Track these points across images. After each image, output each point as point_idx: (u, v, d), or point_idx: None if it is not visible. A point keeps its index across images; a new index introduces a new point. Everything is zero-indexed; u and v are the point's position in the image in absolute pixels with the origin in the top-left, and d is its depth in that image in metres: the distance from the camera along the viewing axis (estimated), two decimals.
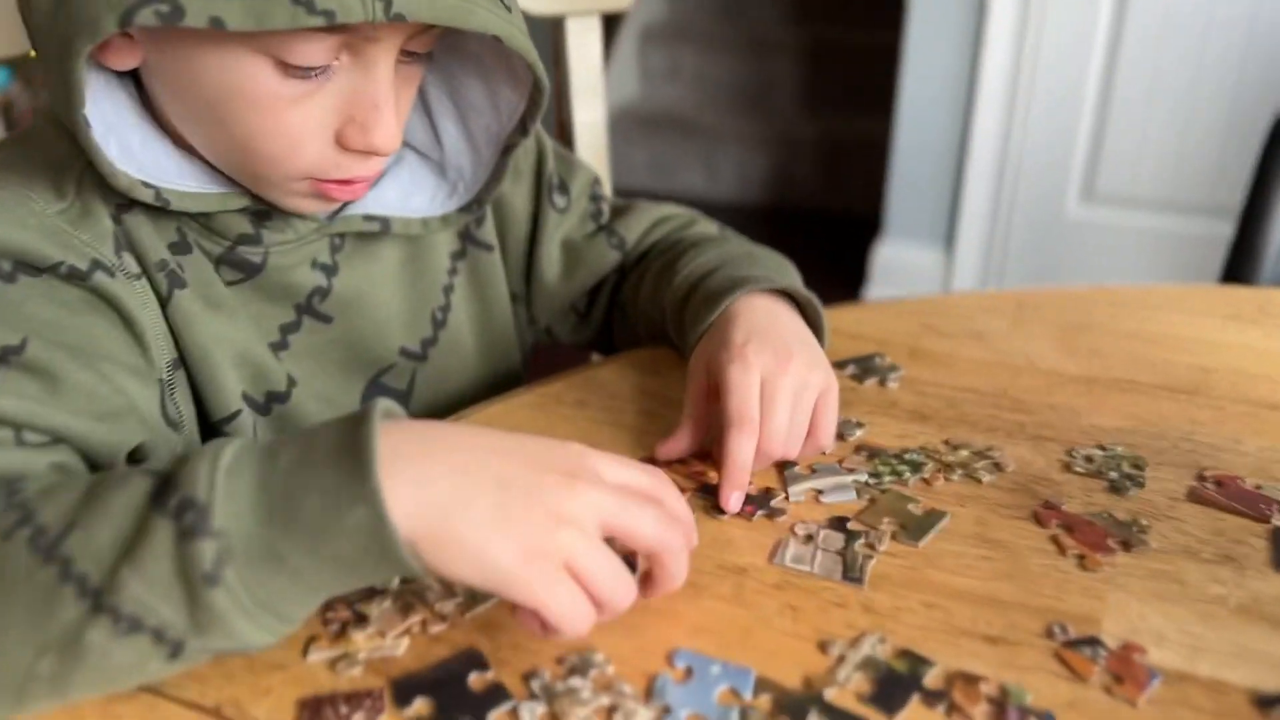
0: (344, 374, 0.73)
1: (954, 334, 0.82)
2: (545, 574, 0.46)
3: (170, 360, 0.63)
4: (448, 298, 0.78)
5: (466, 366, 0.80)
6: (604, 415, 0.70)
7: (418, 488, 0.45)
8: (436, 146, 0.74)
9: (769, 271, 0.73)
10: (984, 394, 0.73)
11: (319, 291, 0.70)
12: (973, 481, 0.64)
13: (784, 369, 0.63)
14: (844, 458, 0.66)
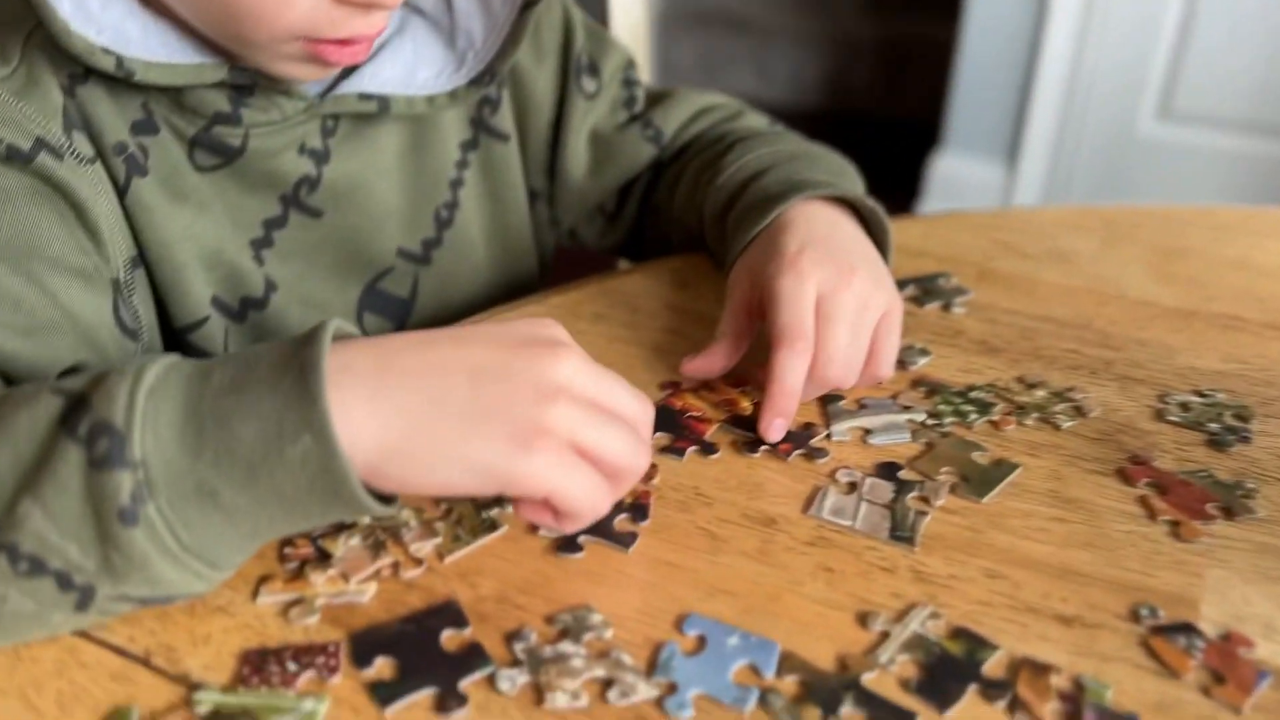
0: (337, 277, 0.65)
1: (1033, 254, 0.72)
2: (546, 455, 0.40)
3: (129, 258, 0.56)
4: (455, 193, 0.69)
5: (476, 272, 0.72)
6: (623, 331, 0.62)
7: (375, 403, 0.39)
8: (446, 12, 0.64)
9: (830, 175, 0.64)
10: (1064, 325, 0.64)
11: (307, 181, 0.61)
12: (1049, 427, 0.54)
13: (845, 284, 0.54)
14: (899, 392, 0.57)
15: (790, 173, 0.63)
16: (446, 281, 0.70)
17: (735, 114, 0.76)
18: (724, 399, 0.56)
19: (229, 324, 0.61)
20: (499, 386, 0.40)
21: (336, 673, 0.40)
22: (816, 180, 0.61)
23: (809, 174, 0.62)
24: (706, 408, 0.55)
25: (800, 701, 0.39)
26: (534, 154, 0.73)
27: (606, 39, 0.74)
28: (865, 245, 0.60)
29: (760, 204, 0.61)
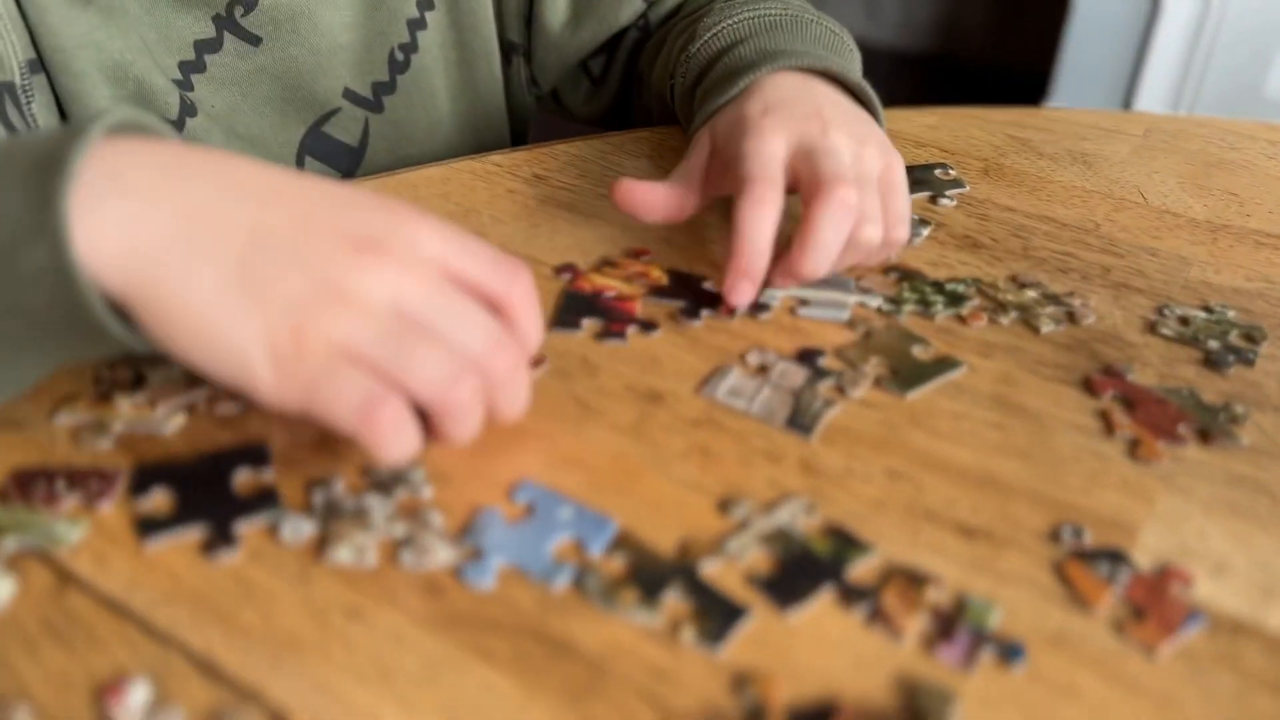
0: (276, 113, 0.60)
1: (1051, 153, 0.63)
2: (314, 372, 0.33)
3: (26, 60, 0.51)
4: (413, 34, 0.63)
5: (437, 126, 0.66)
6: (560, 195, 0.56)
7: (130, 225, 0.32)
8: None
9: (813, 45, 0.56)
10: (1065, 226, 0.55)
11: (243, 1, 0.56)
12: (1026, 330, 0.47)
13: (821, 135, 0.47)
14: (865, 274, 0.50)
15: (767, 42, 0.55)
16: (401, 132, 0.64)
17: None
18: (633, 273, 0.49)
19: None
20: (277, 265, 0.33)
21: (106, 499, 0.35)
22: (793, 49, 0.53)
23: (788, 44, 0.55)
24: (620, 284, 0.49)
25: (620, 585, 0.33)
26: (510, 4, 0.67)
27: None
28: (845, 105, 0.51)
29: (729, 75, 0.53)
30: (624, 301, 0.48)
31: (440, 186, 0.56)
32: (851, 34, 0.60)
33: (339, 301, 0.33)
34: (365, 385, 0.33)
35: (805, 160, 0.47)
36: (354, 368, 0.33)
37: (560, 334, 0.45)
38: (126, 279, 0.32)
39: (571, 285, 0.48)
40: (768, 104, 0.49)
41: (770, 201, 0.45)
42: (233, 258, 0.33)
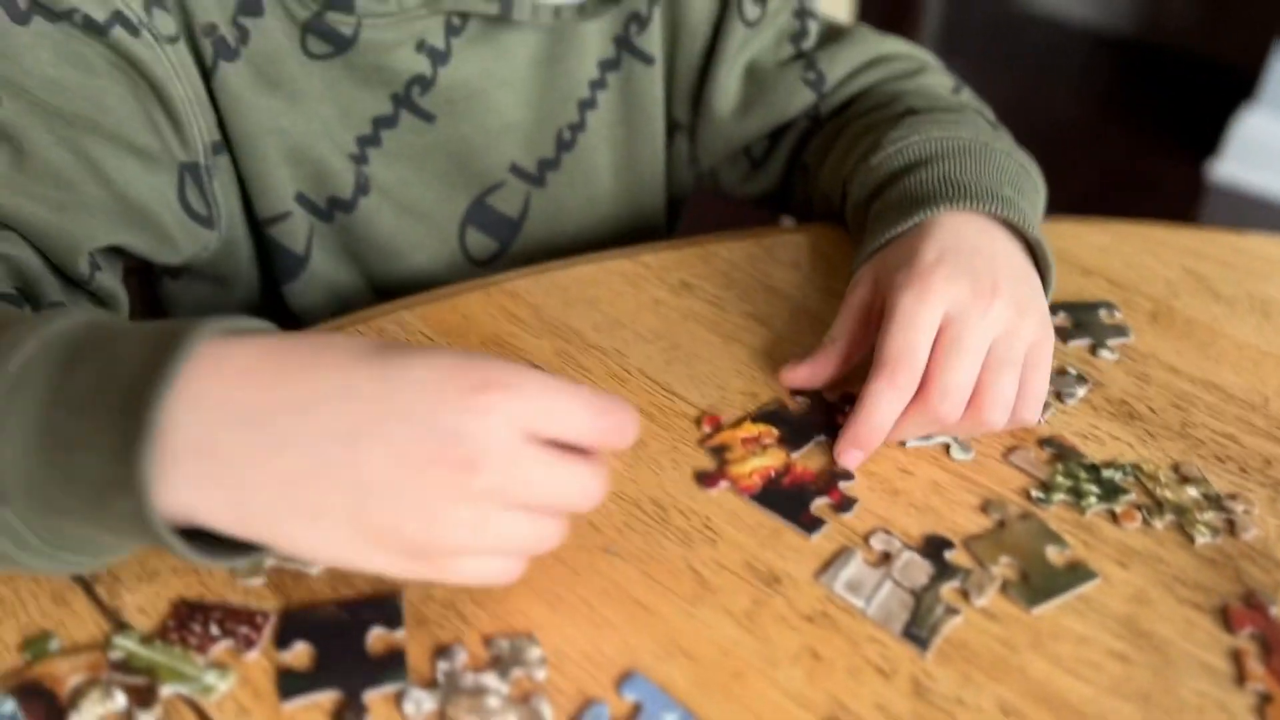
0: (444, 186, 0.62)
1: (1229, 295, 0.60)
2: (439, 564, 0.36)
3: (212, 142, 0.54)
4: (583, 115, 0.64)
5: (595, 203, 0.67)
6: (705, 311, 0.56)
7: (235, 499, 0.33)
8: None
9: (998, 182, 0.53)
10: (1230, 399, 0.53)
11: (420, 81, 0.58)
12: (1178, 536, 0.45)
13: (982, 307, 0.46)
14: (1015, 445, 0.49)
15: (952, 170, 0.53)
16: (561, 206, 0.66)
17: (914, 70, 0.66)
18: (764, 440, 0.49)
19: (314, 222, 0.59)
20: (390, 510, 0.34)
21: (254, 648, 0.38)
22: (978, 188, 0.51)
23: (974, 178, 0.52)
24: (757, 460, 0.48)
25: None
26: (680, 82, 0.66)
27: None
28: (1019, 265, 0.50)
29: (906, 203, 0.52)
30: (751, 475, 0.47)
31: (590, 289, 0.57)
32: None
33: (454, 524, 0.35)
34: (491, 568, 0.37)
35: (943, 337, 0.46)
36: (477, 556, 0.36)
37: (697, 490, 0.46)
38: (244, 533, 0.34)
39: (708, 441, 0.48)
40: (942, 250, 0.48)
41: (903, 387, 0.46)
42: (344, 516, 0.34)
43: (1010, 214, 0.50)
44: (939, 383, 0.46)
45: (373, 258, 0.61)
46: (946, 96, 0.65)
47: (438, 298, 0.55)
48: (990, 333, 0.46)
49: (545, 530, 0.37)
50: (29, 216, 0.47)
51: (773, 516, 0.45)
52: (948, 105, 0.63)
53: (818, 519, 0.45)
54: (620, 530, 0.43)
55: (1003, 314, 0.47)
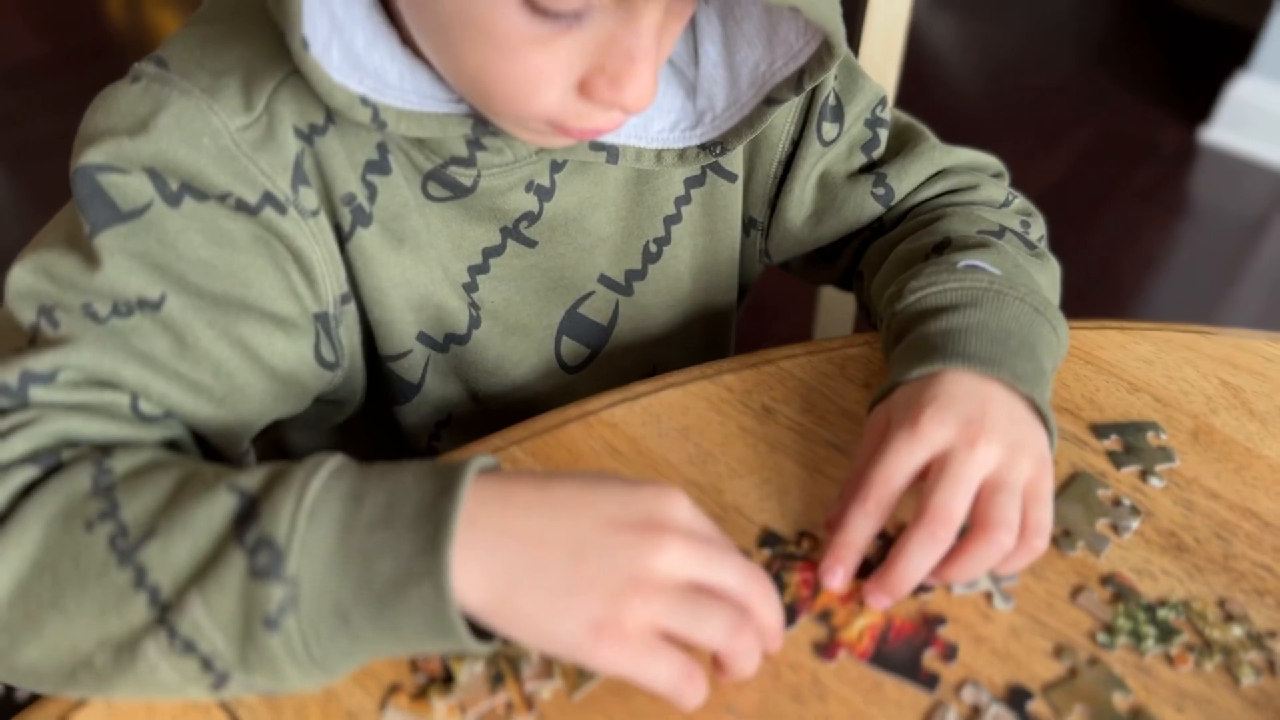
0: (542, 301, 0.66)
1: (1262, 412, 0.65)
2: (620, 647, 0.43)
3: (340, 294, 0.58)
4: (668, 229, 0.68)
5: (677, 304, 0.71)
6: (788, 440, 0.60)
7: (489, 557, 0.43)
8: (692, 64, 0.61)
9: (1004, 341, 0.56)
10: (1267, 526, 0.58)
11: (529, 216, 0.62)
12: (1225, 677, 0.51)
13: (969, 445, 0.51)
14: (1084, 583, 0.54)
15: (970, 324, 0.57)
16: (647, 312, 0.70)
17: (969, 186, 0.70)
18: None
19: (431, 354, 0.64)
20: (594, 568, 0.43)
21: None
22: (980, 352, 0.55)
23: (975, 340, 0.56)
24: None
25: None
26: (757, 189, 0.70)
27: (858, 75, 0.69)
28: (1016, 412, 0.54)
29: (916, 354, 0.56)
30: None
31: (680, 418, 0.61)
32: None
33: (643, 587, 0.43)
34: (677, 663, 0.44)
35: (934, 477, 0.51)
36: (664, 646, 0.44)
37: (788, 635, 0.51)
38: (485, 599, 0.42)
39: (810, 606, 0.52)
40: (937, 395, 0.53)
41: (872, 516, 0.51)
42: (560, 570, 0.43)
43: (1004, 375, 0.54)
44: (931, 504, 0.50)
45: (480, 377, 0.66)
46: (989, 220, 0.67)
47: (542, 430, 0.60)
48: (981, 469, 0.51)
49: (724, 629, 0.44)
50: (194, 411, 0.50)
51: (888, 674, 0.50)
52: (986, 229, 0.65)
53: (933, 674, 0.50)
54: (738, 689, 0.49)
55: (992, 453, 0.51)
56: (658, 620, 0.43)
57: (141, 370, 0.48)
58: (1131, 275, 2.16)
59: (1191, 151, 2.55)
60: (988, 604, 0.53)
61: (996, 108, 2.68)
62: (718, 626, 0.44)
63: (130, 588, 0.43)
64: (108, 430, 0.48)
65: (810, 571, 0.53)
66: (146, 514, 0.44)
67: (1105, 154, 2.51)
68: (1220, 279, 2.17)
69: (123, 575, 0.43)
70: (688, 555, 0.44)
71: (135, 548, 0.43)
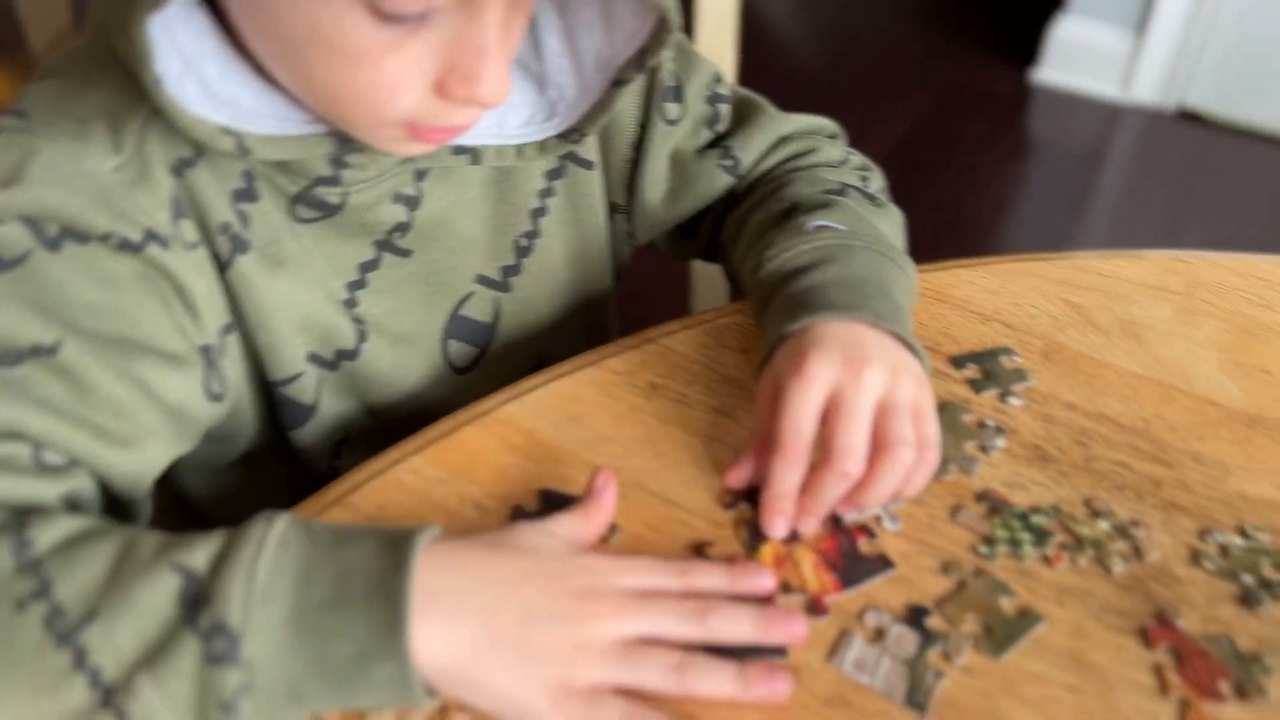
0: (423, 308, 0.68)
1: (1104, 325, 0.71)
2: (578, 705, 0.45)
3: (223, 324, 0.59)
4: (536, 222, 0.70)
5: (556, 295, 0.74)
6: (677, 412, 0.63)
7: (449, 631, 0.45)
8: (536, 58, 0.63)
9: (860, 287, 0.60)
10: (1121, 428, 0.63)
11: (400, 227, 0.64)
12: (1098, 569, 0.56)
13: (855, 378, 0.55)
14: (960, 502, 0.58)
15: (828, 279, 0.60)
16: (527, 305, 0.72)
17: (808, 150, 0.74)
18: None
19: (322, 373, 0.64)
20: (543, 637, 0.46)
21: None
22: (843, 301, 0.59)
23: (841, 290, 0.60)
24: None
25: None
26: (614, 174, 0.73)
27: (693, 55, 0.72)
28: (887, 344, 0.58)
29: (784, 314, 0.60)
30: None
31: (572, 405, 0.63)
32: None
33: (586, 651, 0.46)
34: (620, 711, 0.46)
35: (833, 415, 0.55)
36: (612, 699, 0.46)
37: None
38: (445, 668, 0.45)
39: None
40: (816, 340, 0.57)
41: (795, 465, 0.55)
42: (513, 640, 0.46)
43: (867, 317, 0.58)
44: (837, 444, 0.54)
45: (374, 390, 0.67)
46: (830, 180, 0.71)
47: (439, 436, 0.61)
48: (871, 395, 0.55)
49: (664, 658, 0.48)
50: (100, 458, 0.50)
51: (865, 584, 0.55)
52: (829, 189, 0.69)
53: (881, 556, 0.56)
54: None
55: (877, 378, 0.55)
56: (604, 679, 0.46)
57: (44, 418, 0.48)
58: (982, 219, 2.26)
59: (1024, 94, 2.68)
60: (878, 526, 0.57)
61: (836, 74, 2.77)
62: (656, 673, 0.47)
63: (69, 670, 0.42)
64: (8, 485, 0.47)
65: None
66: (85, 594, 0.43)
67: (944, 105, 2.62)
68: (1066, 212, 2.29)
69: (61, 657, 0.42)
70: (620, 618, 0.47)
71: (75, 629, 0.43)
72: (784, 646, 0.51)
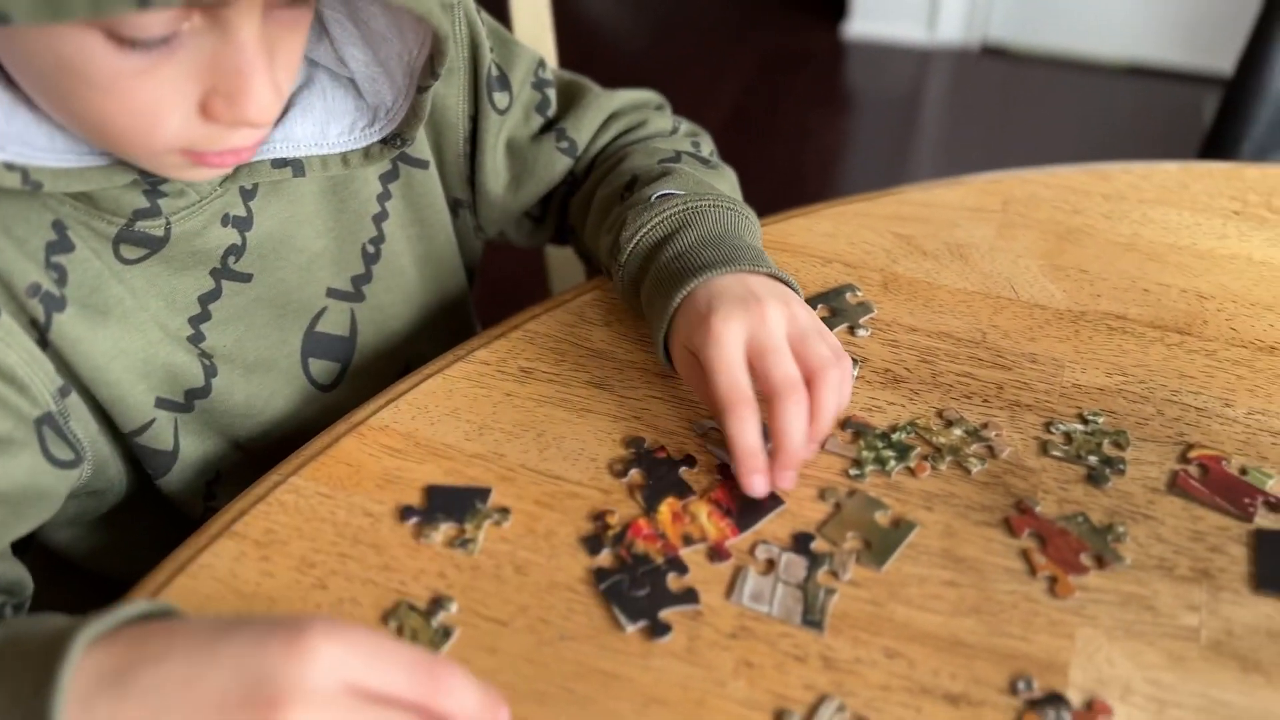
0: (276, 330, 0.67)
1: (932, 250, 0.75)
2: None
3: (57, 389, 0.57)
4: (379, 227, 0.70)
5: (410, 298, 0.74)
6: (552, 391, 0.65)
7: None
8: (342, 65, 0.63)
9: (716, 244, 0.63)
10: (960, 341, 0.68)
11: (234, 250, 0.62)
12: (958, 472, 0.60)
13: (760, 317, 0.57)
14: (829, 434, 0.62)
15: (691, 242, 0.63)
16: (383, 313, 0.72)
17: (639, 123, 0.76)
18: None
19: (178, 416, 0.63)
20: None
21: None
22: (713, 260, 0.61)
23: (708, 249, 0.62)
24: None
25: None
26: (452, 170, 0.74)
27: (512, 43, 0.73)
28: (768, 283, 0.61)
29: (666, 287, 0.62)
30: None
31: (447, 403, 0.64)
32: None
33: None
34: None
35: (759, 359, 0.57)
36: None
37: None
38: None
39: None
40: (709, 298, 0.59)
41: (749, 417, 0.56)
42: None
43: (737, 267, 0.61)
44: (776, 381, 0.56)
45: (236, 424, 0.66)
46: (665, 149, 0.74)
47: (316, 453, 0.61)
48: (780, 329, 0.58)
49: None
50: None
51: (761, 521, 0.57)
52: (664, 158, 0.72)
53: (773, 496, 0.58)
54: (566, 616, 0.53)
55: (777, 313, 0.58)
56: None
57: None
58: (817, 174, 2.34)
59: (839, 49, 2.78)
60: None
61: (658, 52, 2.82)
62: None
63: None
64: None
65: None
66: None
67: (767, 69, 2.69)
68: (893, 156, 2.39)
69: None
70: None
71: None
72: (696, 593, 0.53)
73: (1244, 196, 0.80)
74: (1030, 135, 2.42)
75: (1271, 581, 0.54)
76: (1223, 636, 0.52)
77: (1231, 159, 1.14)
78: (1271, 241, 0.76)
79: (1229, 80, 1.14)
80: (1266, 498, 0.58)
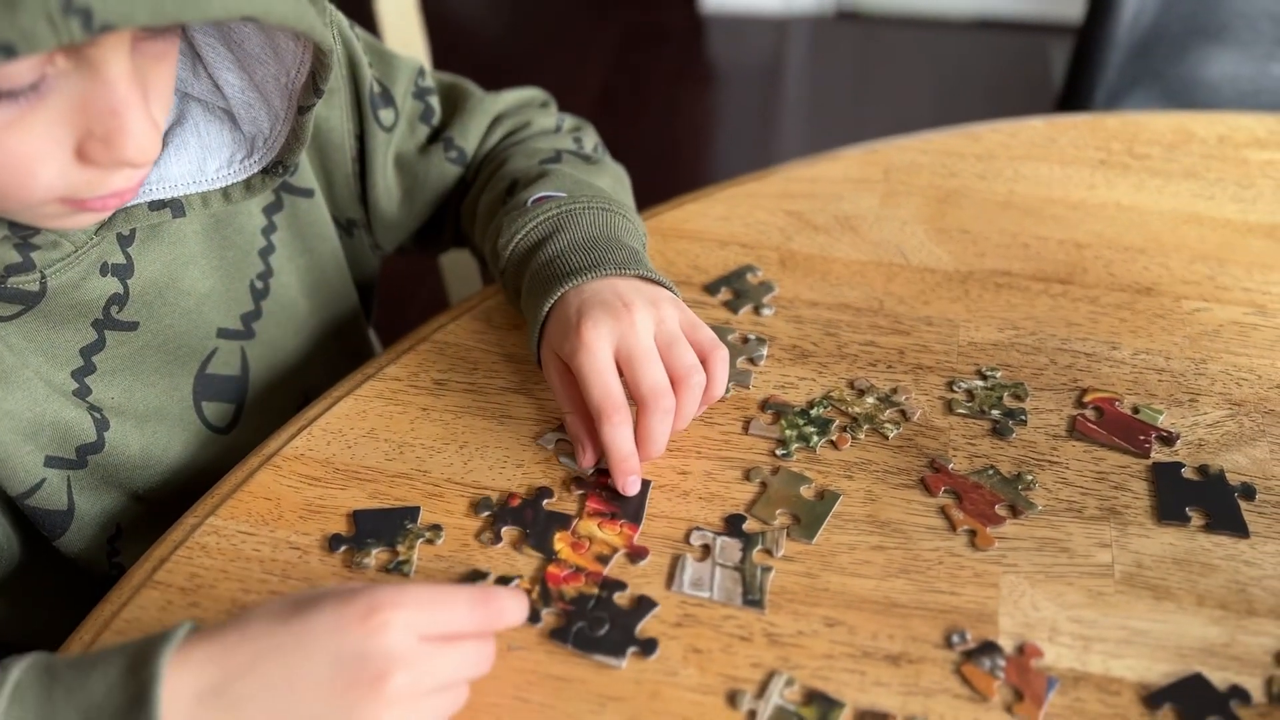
0: (164, 377, 0.64)
1: (823, 225, 0.77)
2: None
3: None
4: (267, 261, 0.68)
5: (301, 328, 0.72)
6: (469, 402, 0.65)
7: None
8: (218, 94, 0.61)
9: (601, 236, 0.64)
10: (859, 311, 0.70)
11: (116, 299, 0.60)
12: (876, 438, 0.62)
13: (627, 322, 0.58)
14: (748, 415, 0.63)
15: (563, 247, 0.63)
16: (273, 348, 0.70)
17: (523, 124, 0.76)
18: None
19: (70, 474, 0.60)
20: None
21: None
22: (584, 265, 0.62)
23: (578, 253, 0.63)
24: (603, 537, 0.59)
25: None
26: (342, 192, 0.72)
27: (390, 56, 0.72)
28: (636, 284, 0.62)
29: (538, 293, 0.62)
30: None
31: (362, 424, 0.63)
32: None
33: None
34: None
35: (628, 366, 0.58)
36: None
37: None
38: None
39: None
40: (580, 305, 0.59)
41: (623, 424, 0.57)
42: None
43: (609, 270, 0.61)
44: (644, 391, 0.58)
45: (134, 475, 0.63)
46: (545, 149, 0.73)
47: (231, 490, 0.60)
48: (648, 334, 0.59)
49: (457, 698, 0.48)
50: None
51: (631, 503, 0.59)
52: (544, 159, 0.72)
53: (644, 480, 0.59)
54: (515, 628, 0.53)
55: (645, 317, 0.59)
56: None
57: None
58: (689, 149, 2.36)
59: (698, 24, 2.80)
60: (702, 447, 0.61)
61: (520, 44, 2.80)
62: (460, 673, 0.47)
63: None
64: None
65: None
66: None
67: (628, 50, 2.70)
68: (762, 126, 2.43)
69: None
70: (409, 706, 0.45)
71: None
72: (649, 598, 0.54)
73: (1107, 146, 0.85)
74: (890, 96, 2.48)
75: (1173, 512, 0.58)
76: (1134, 569, 0.55)
77: (1088, 108, 1.20)
78: (1137, 187, 0.80)
79: (1079, 29, 1.19)
80: (1159, 432, 0.62)
